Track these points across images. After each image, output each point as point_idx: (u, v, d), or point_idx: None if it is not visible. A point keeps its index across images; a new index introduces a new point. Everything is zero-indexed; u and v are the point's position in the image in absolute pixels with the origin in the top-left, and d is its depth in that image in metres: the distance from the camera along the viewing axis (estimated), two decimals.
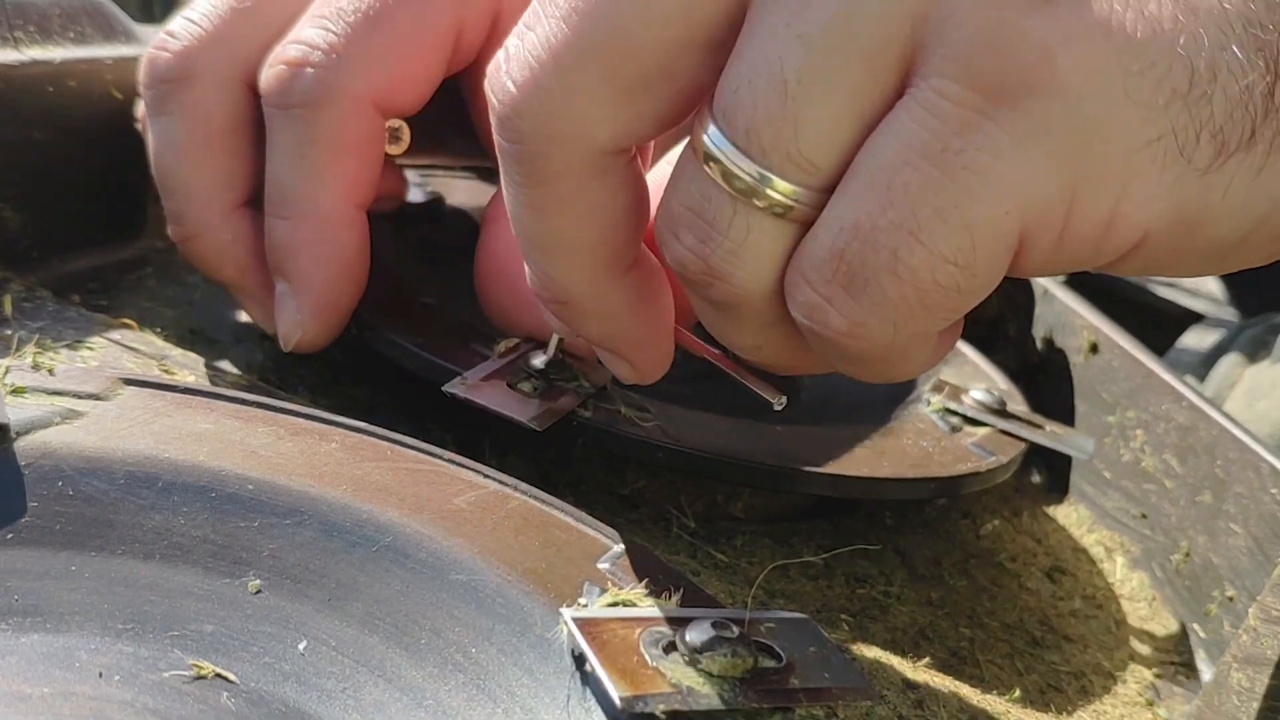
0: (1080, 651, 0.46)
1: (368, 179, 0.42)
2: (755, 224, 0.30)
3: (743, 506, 0.46)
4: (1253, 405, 0.65)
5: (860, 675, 0.30)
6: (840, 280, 0.29)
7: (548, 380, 0.41)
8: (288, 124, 0.41)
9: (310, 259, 0.42)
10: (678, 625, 0.29)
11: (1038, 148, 0.27)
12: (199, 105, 0.42)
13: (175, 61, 0.42)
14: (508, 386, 0.40)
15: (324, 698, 0.29)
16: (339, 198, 0.41)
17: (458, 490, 0.34)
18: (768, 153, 0.29)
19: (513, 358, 0.41)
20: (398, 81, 0.41)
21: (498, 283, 0.43)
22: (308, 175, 0.41)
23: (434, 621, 0.30)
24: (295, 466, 0.33)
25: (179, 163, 0.43)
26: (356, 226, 0.42)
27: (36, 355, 0.35)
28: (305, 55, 0.41)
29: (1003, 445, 0.47)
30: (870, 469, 0.43)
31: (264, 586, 0.31)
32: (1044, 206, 0.28)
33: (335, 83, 0.40)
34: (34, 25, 0.46)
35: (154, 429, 0.33)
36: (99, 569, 0.30)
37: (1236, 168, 0.28)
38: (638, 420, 0.41)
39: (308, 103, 0.40)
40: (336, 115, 0.41)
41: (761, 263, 0.31)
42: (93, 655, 0.28)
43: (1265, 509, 0.47)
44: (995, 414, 0.49)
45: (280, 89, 0.41)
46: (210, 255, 0.44)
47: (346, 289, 0.42)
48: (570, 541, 0.33)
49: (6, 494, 0.30)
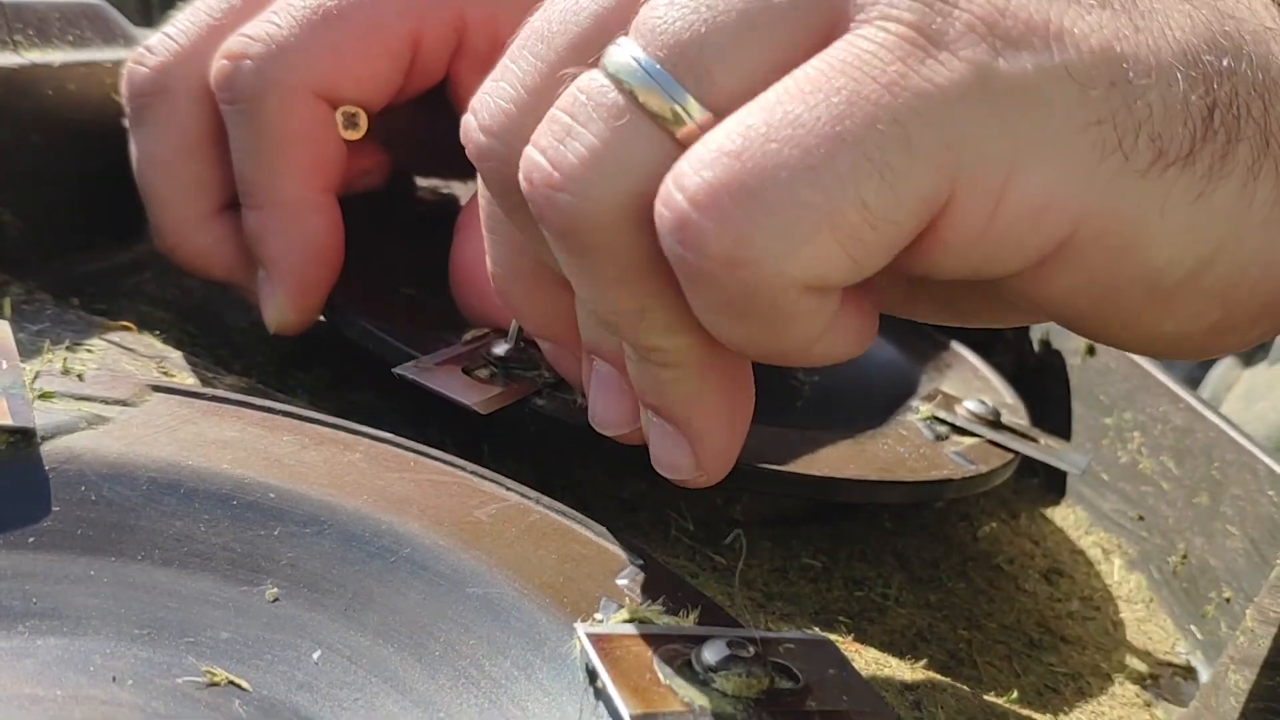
0: (1078, 653, 0.45)
1: (326, 165, 0.43)
2: (632, 129, 0.27)
3: (741, 509, 0.46)
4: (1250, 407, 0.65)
5: (879, 699, 0.30)
6: (728, 183, 0.25)
7: (506, 369, 0.41)
8: (237, 118, 0.42)
9: (279, 245, 0.43)
10: (693, 643, 0.29)
11: (982, 96, 0.26)
12: (173, 118, 0.44)
13: (150, 76, 0.44)
14: (462, 372, 0.40)
15: (336, 707, 0.29)
16: (298, 185, 0.43)
17: (479, 502, 0.34)
18: (686, 75, 0.27)
19: (474, 345, 0.42)
20: (340, 74, 0.43)
21: (469, 288, 0.44)
22: (264, 166, 0.43)
23: (449, 634, 0.30)
24: (318, 476, 0.33)
25: (156, 175, 0.44)
26: (322, 211, 0.44)
27: (66, 360, 0.35)
28: (245, 48, 0.42)
29: (987, 456, 0.47)
30: (832, 470, 0.42)
31: (281, 595, 0.31)
32: (981, 167, 0.26)
33: (272, 73, 0.42)
34: (33, 29, 0.46)
35: (179, 436, 0.33)
36: (117, 574, 0.30)
37: (1174, 182, 0.27)
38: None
39: (249, 95, 0.42)
40: (278, 105, 0.42)
41: (623, 176, 0.27)
42: (107, 660, 0.28)
43: (1262, 511, 0.47)
44: (987, 425, 0.48)
45: (224, 83, 0.42)
46: (195, 261, 0.45)
47: (318, 272, 0.44)
48: (589, 556, 0.33)
49: (30, 498, 0.30)
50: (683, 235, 0.26)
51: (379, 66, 0.43)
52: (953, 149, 0.26)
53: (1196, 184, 0.27)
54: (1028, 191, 0.26)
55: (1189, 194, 0.27)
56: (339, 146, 0.44)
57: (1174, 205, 0.27)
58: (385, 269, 0.47)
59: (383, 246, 0.49)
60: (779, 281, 0.26)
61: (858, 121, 0.25)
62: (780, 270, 0.26)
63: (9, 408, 0.31)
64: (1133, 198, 0.27)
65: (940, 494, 0.46)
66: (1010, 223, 0.27)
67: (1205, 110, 0.27)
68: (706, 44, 0.27)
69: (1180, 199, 0.27)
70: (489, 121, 0.30)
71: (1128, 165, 0.27)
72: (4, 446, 0.31)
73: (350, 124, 0.44)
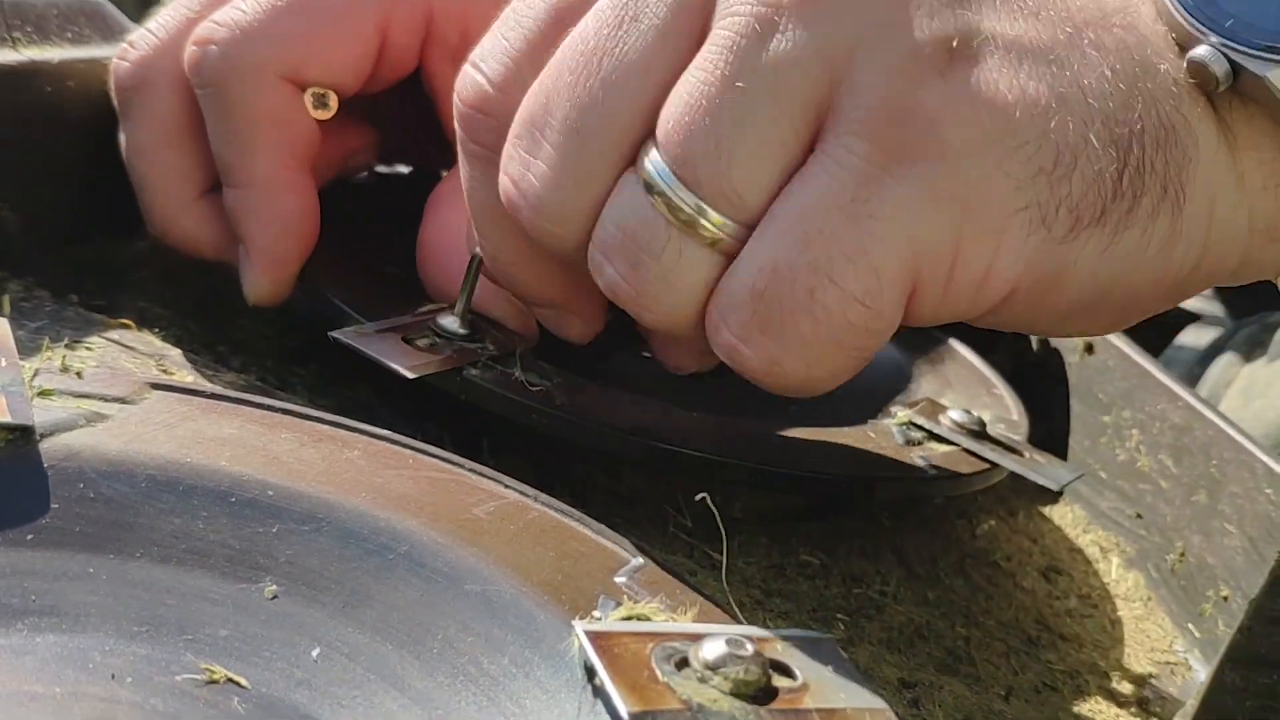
0: (1076, 651, 0.45)
1: (296, 143, 0.45)
2: (687, 252, 0.33)
3: (740, 507, 0.46)
4: (1248, 405, 0.65)
5: (877, 697, 0.30)
6: (758, 322, 0.33)
7: (451, 340, 0.41)
8: (209, 102, 0.44)
9: (255, 221, 0.45)
10: (691, 641, 0.29)
11: (929, 202, 0.32)
12: (155, 108, 0.45)
13: (132, 70, 0.46)
14: (402, 340, 0.40)
15: (334, 705, 0.29)
16: (270, 163, 0.44)
17: (477, 500, 0.34)
18: (704, 185, 0.33)
19: (423, 316, 0.42)
20: (305, 57, 0.44)
21: (434, 264, 0.46)
22: (236, 146, 0.44)
23: (447, 631, 0.30)
24: (316, 473, 0.33)
25: (142, 163, 0.46)
26: (295, 188, 0.45)
27: (65, 358, 0.35)
28: (211, 33, 0.44)
29: (957, 464, 0.46)
30: (775, 463, 0.42)
31: (280, 592, 0.31)
32: (935, 254, 0.33)
33: (237, 55, 0.43)
34: (32, 26, 0.47)
35: (177, 433, 0.33)
36: (116, 571, 0.30)
37: (1087, 240, 0.33)
38: (528, 384, 0.40)
39: (216, 79, 0.43)
40: (243, 88, 0.44)
41: (688, 292, 0.34)
42: (106, 657, 0.28)
43: (1260, 509, 0.47)
44: (969, 434, 0.48)
45: (194, 68, 0.44)
46: (185, 242, 0.47)
47: (291, 247, 0.45)
48: (588, 554, 0.33)
49: (29, 495, 0.30)
50: (733, 358, 0.34)
51: (345, 52, 0.45)
52: (909, 259, 0.32)
53: (1105, 238, 0.33)
54: (971, 267, 0.33)
55: (1099, 247, 0.33)
56: (310, 126, 0.45)
57: (1086, 257, 0.33)
58: (370, 249, 0.48)
59: (369, 228, 0.50)
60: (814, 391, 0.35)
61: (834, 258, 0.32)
62: (806, 375, 0.34)
63: (8, 405, 0.31)
64: (1054, 260, 0.33)
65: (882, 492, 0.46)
66: (961, 290, 0.34)
67: (1116, 175, 0.32)
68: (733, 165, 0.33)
69: (1092, 252, 0.33)
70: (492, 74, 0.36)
71: (1050, 236, 0.33)
72: (3, 444, 0.31)
73: (320, 104, 0.45)
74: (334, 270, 0.46)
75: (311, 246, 0.46)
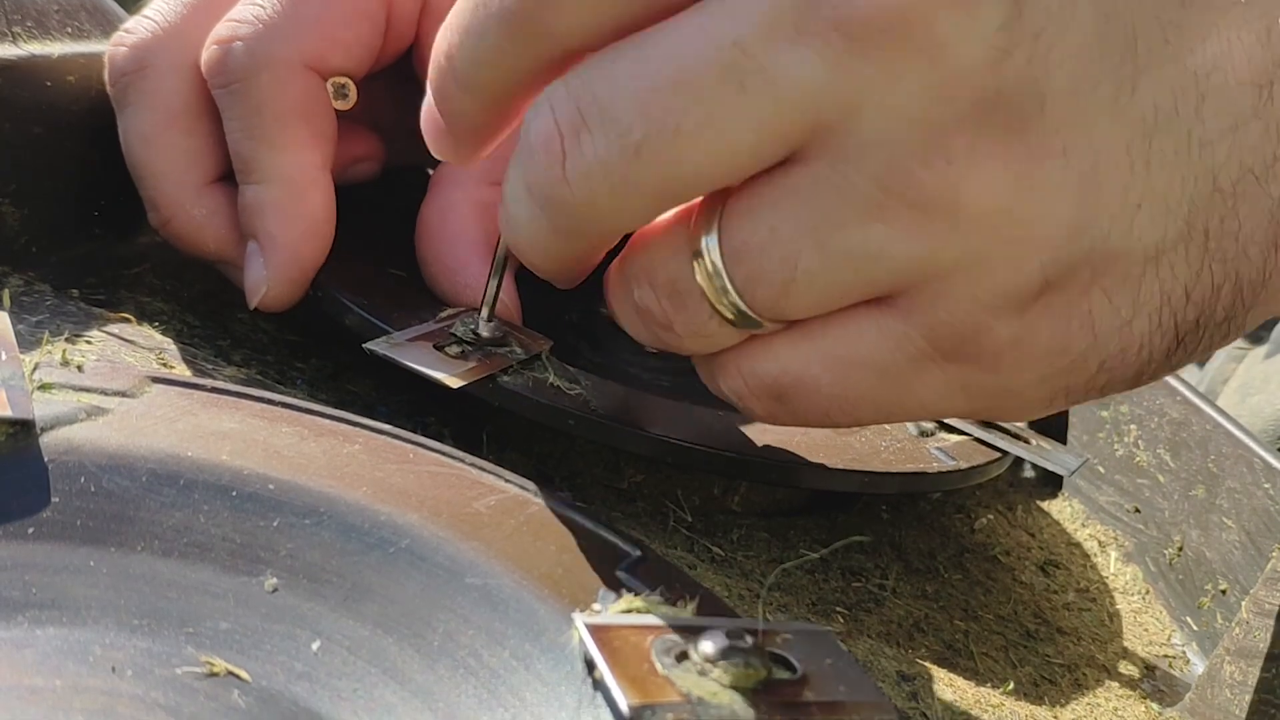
0: (1074, 644, 0.46)
1: (322, 137, 0.44)
2: (722, 329, 0.33)
3: (740, 501, 0.46)
4: (1245, 400, 0.65)
5: (877, 690, 0.30)
6: (770, 398, 0.34)
7: (479, 346, 0.41)
8: (232, 100, 0.43)
9: (278, 218, 0.44)
10: (692, 634, 0.29)
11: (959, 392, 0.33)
12: (156, 93, 0.44)
13: (130, 54, 0.45)
14: (434, 348, 0.40)
15: (335, 698, 0.29)
16: (299, 159, 0.44)
17: (478, 494, 0.34)
18: (757, 307, 0.32)
19: (445, 323, 0.42)
20: (326, 44, 0.44)
21: (428, 254, 0.46)
22: (263, 142, 0.43)
23: (447, 625, 0.30)
24: (317, 467, 0.33)
25: (144, 150, 0.45)
26: (320, 186, 0.44)
27: (66, 352, 0.35)
28: (234, 31, 0.43)
29: (971, 453, 0.47)
30: (793, 457, 0.42)
31: (281, 585, 0.31)
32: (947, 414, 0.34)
33: (264, 50, 0.43)
34: (32, 20, 0.46)
35: (178, 427, 0.33)
36: (117, 565, 0.30)
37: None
38: (564, 390, 0.40)
39: (243, 74, 0.43)
40: (271, 81, 0.43)
41: (715, 346, 0.34)
42: (106, 650, 0.28)
43: (1257, 503, 0.47)
44: (978, 424, 0.48)
45: (217, 67, 0.43)
46: (188, 233, 0.46)
47: (313, 247, 0.44)
48: (588, 547, 0.33)
49: (29, 489, 0.30)
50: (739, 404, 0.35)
51: (361, 31, 0.45)
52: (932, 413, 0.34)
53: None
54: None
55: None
56: (332, 121, 0.45)
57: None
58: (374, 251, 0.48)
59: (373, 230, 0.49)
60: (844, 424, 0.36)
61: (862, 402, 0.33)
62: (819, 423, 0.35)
63: (8, 399, 0.31)
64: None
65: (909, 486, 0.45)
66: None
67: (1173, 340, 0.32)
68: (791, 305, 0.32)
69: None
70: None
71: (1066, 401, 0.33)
72: (3, 438, 0.31)
73: (340, 94, 0.45)
74: (342, 272, 0.45)
75: (327, 250, 0.45)
